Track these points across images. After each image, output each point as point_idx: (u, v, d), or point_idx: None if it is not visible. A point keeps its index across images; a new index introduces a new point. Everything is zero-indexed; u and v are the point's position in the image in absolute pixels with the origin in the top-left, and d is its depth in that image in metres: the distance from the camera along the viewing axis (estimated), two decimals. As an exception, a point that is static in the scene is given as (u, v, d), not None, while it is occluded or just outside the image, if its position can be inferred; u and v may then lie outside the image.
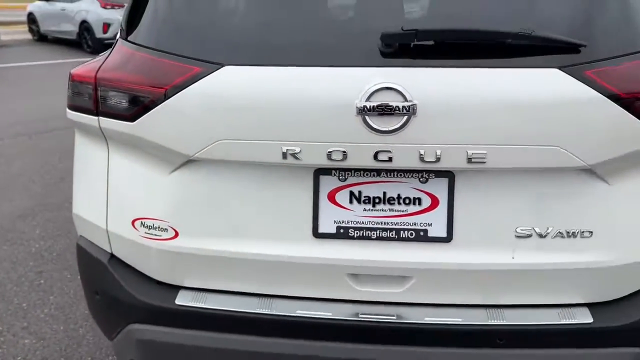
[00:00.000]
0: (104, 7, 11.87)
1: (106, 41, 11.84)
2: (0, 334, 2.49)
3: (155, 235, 1.45)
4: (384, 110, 1.23)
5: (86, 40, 12.18)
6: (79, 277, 2.92)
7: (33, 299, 2.78)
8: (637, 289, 1.41)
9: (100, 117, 1.45)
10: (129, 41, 1.48)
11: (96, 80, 1.44)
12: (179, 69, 1.34)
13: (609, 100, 1.24)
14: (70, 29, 12.52)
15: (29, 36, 14.59)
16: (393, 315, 1.39)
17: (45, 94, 7.83)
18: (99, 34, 11.82)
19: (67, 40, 12.95)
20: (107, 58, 1.50)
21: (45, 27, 13.70)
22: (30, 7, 14.22)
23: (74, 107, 1.52)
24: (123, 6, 11.92)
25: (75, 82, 1.50)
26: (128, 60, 1.44)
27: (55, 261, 3.15)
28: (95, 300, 1.59)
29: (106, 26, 11.75)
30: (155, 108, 1.35)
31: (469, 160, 1.27)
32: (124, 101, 1.40)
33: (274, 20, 1.38)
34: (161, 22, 1.46)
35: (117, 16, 11.81)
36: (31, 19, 14.22)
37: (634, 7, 1.34)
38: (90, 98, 1.46)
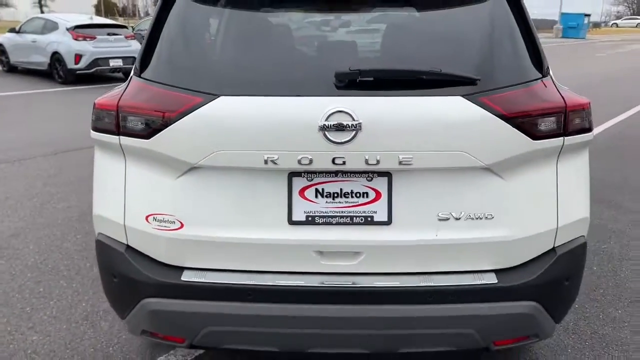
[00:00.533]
0: (76, 39, 12.14)
1: (78, 72, 12.13)
2: (9, 333, 2.79)
3: (165, 226, 1.86)
4: (338, 127, 1.70)
5: (57, 71, 12.40)
6: (74, 284, 3.30)
7: (35, 304, 3.09)
8: (529, 258, 1.90)
9: (121, 136, 1.87)
10: (142, 77, 1.91)
11: (118, 108, 1.86)
12: (185, 99, 1.78)
13: (498, 118, 1.75)
14: (42, 60, 12.71)
15: (-2, 67, 14.72)
16: (350, 282, 1.84)
17: (19, 124, 8.08)
18: (70, 64, 12.06)
19: (38, 71, 13.13)
20: (124, 91, 1.92)
21: (15, 58, 13.85)
22: (0, 39, 14.37)
23: (98, 129, 1.93)
24: (95, 38, 12.27)
25: (99, 110, 1.92)
26: (143, 92, 1.87)
27: (51, 272, 3.47)
28: (113, 283, 1.97)
29: (78, 57, 12.01)
30: (166, 128, 1.79)
31: (400, 162, 1.74)
32: (141, 124, 1.83)
33: (257, 62, 1.86)
34: (168, 63, 1.91)
35: (89, 48, 12.11)
36: (1, 50, 14.36)
37: (517, 51, 1.87)
38: (112, 122, 1.88)
